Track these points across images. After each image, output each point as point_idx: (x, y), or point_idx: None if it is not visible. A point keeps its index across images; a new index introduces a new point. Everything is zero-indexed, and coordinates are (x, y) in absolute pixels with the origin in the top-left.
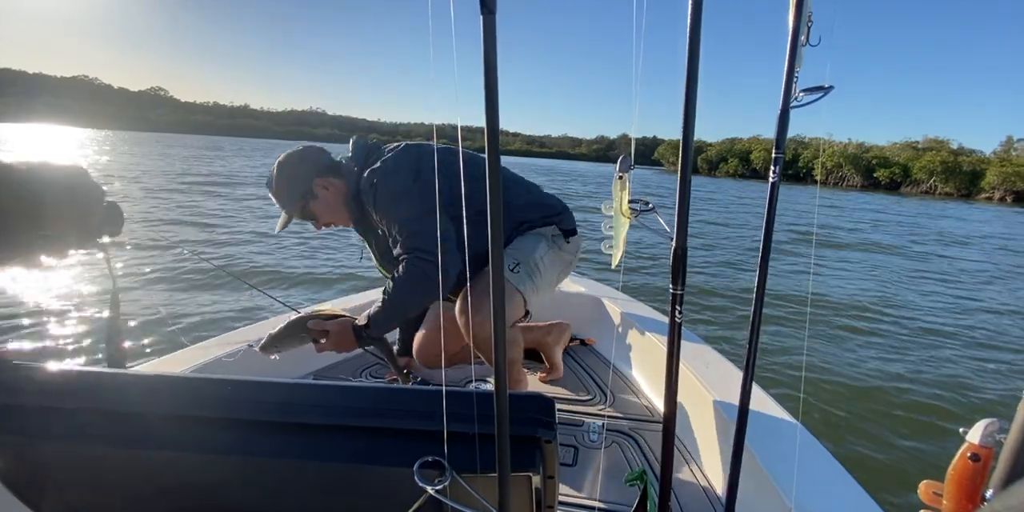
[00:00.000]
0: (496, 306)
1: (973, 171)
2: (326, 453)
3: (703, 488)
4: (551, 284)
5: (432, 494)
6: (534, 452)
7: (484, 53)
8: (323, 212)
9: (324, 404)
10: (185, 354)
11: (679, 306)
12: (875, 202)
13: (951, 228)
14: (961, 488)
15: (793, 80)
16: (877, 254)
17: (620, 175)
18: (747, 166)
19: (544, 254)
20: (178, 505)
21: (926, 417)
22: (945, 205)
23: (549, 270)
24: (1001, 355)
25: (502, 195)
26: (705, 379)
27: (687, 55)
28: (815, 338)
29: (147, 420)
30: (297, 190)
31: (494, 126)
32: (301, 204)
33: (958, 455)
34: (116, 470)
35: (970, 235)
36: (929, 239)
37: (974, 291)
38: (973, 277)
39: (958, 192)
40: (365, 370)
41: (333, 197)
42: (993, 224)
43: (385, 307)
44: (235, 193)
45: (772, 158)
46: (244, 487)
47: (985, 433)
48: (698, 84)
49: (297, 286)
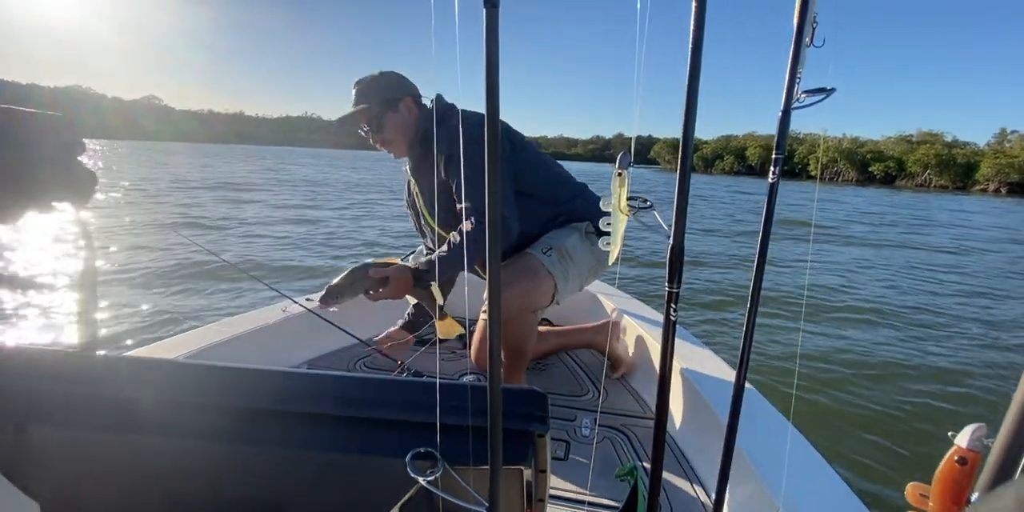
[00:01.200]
0: (492, 297)
1: (967, 163)
2: (319, 442)
3: (693, 485)
4: (581, 276)
5: (423, 485)
6: (526, 446)
7: (486, 48)
8: (392, 127)
9: (318, 393)
10: (179, 340)
11: (675, 304)
12: (876, 198)
13: (960, 222)
14: (948, 491)
15: (796, 81)
16: (875, 251)
17: (619, 172)
18: (743, 163)
19: (576, 244)
20: (170, 491)
21: (916, 420)
22: (941, 197)
23: (580, 261)
24: (993, 356)
25: (547, 187)
26: (698, 377)
27: (689, 55)
28: (809, 338)
29: (140, 406)
30: (387, 95)
31: (494, 120)
32: (380, 109)
33: (946, 458)
34: (109, 456)
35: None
36: (936, 234)
37: (971, 292)
38: (972, 277)
39: (953, 185)
40: (359, 361)
41: (408, 121)
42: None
43: (449, 256)
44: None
45: (772, 159)
46: (237, 475)
47: (973, 437)
48: (699, 84)
49: (299, 279)
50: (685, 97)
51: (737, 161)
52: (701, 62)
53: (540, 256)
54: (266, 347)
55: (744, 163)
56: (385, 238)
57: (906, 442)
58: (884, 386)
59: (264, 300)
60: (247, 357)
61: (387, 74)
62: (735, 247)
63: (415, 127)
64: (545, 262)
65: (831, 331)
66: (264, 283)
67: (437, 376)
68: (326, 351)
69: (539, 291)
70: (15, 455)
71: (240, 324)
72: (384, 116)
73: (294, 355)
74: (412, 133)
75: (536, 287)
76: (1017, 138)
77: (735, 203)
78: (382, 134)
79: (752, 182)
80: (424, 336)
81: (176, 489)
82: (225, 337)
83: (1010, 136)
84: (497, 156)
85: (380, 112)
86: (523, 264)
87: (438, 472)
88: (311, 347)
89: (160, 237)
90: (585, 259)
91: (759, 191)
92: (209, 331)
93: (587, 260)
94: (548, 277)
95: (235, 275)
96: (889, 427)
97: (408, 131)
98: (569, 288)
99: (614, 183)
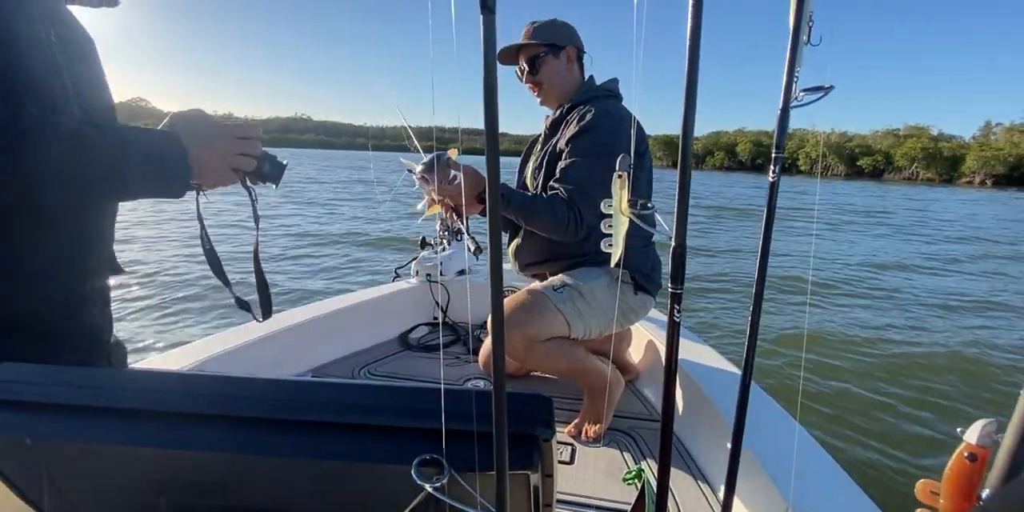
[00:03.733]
0: (494, 305)
1: (953, 156)
2: (324, 450)
3: (701, 487)
4: (600, 317)
5: (430, 492)
6: (532, 450)
7: (483, 52)
8: (549, 72)
9: (322, 401)
10: (182, 351)
11: (678, 305)
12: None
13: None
14: (958, 487)
15: (794, 80)
16: (872, 249)
17: (620, 174)
18: (734, 158)
19: (597, 289)
20: (176, 503)
21: (925, 417)
22: (933, 190)
23: (598, 304)
24: (1002, 354)
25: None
26: (703, 378)
27: (687, 54)
28: (814, 337)
29: (145, 417)
30: (554, 38)
31: (493, 126)
32: (544, 49)
33: (955, 455)
34: (114, 467)
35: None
36: (940, 229)
37: (977, 290)
38: (978, 276)
39: (939, 177)
40: (363, 368)
41: (564, 72)
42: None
43: (522, 200)
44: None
45: (772, 158)
46: (242, 484)
47: (982, 433)
48: (698, 83)
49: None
50: (684, 97)
51: (728, 157)
52: (699, 64)
53: (549, 293)
54: (270, 356)
55: (735, 159)
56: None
57: (915, 439)
58: (891, 383)
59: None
60: (251, 367)
61: (560, 21)
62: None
63: (568, 80)
64: (552, 298)
65: (836, 330)
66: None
67: (441, 381)
68: (329, 359)
69: (544, 321)
70: (21, 468)
71: (243, 334)
72: (544, 57)
73: (298, 364)
74: (565, 84)
75: (539, 319)
76: (1002, 131)
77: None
78: (536, 75)
79: (743, 177)
80: (427, 343)
81: (181, 500)
82: (228, 347)
83: (995, 129)
84: (497, 156)
85: (543, 53)
86: (529, 298)
87: (444, 478)
88: (314, 356)
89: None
90: (606, 304)
91: (746, 185)
92: (212, 341)
93: (608, 304)
94: (556, 313)
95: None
96: (898, 424)
97: (560, 81)
98: (589, 327)
99: (615, 185)
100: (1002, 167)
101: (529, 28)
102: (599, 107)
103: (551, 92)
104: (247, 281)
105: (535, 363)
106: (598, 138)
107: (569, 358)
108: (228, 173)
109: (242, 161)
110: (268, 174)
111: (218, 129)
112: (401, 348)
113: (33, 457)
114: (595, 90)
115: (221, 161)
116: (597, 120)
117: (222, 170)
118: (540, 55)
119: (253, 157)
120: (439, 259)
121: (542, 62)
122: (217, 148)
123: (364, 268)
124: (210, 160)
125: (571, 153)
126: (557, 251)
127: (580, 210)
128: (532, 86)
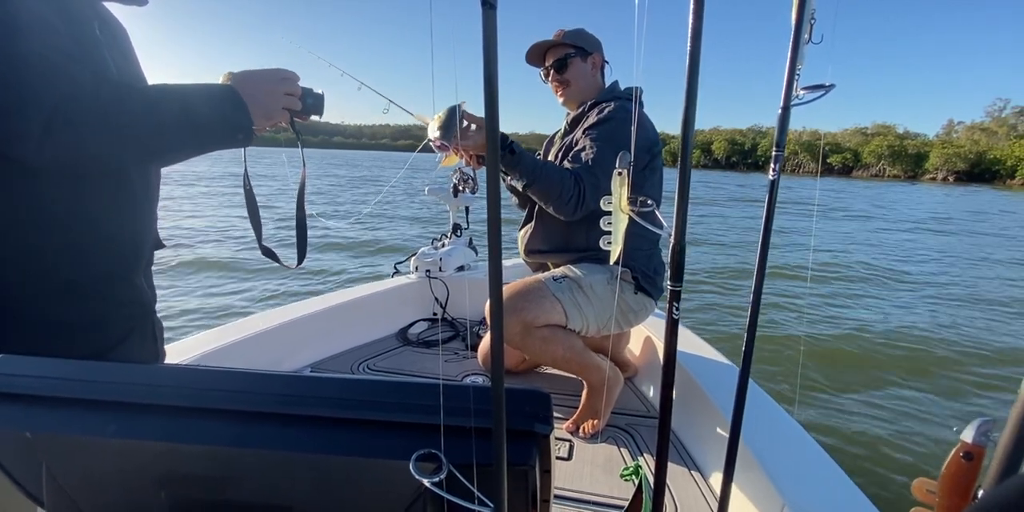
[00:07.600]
0: (493, 299)
1: (918, 153)
2: (323, 445)
3: (698, 483)
4: (598, 312)
5: (428, 487)
6: (530, 446)
7: (484, 49)
8: (575, 73)
9: (321, 396)
10: (182, 345)
11: (677, 302)
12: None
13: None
14: (954, 486)
15: (795, 78)
16: (870, 247)
17: (620, 171)
18: (709, 156)
19: (597, 283)
20: (175, 495)
21: (922, 415)
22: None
23: (597, 299)
24: (1002, 353)
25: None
26: (701, 375)
27: (688, 53)
28: (812, 335)
29: (145, 411)
30: (583, 43)
31: (494, 124)
32: (573, 50)
33: (952, 454)
34: (114, 461)
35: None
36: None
37: (973, 290)
38: (973, 275)
39: (904, 174)
40: (361, 363)
41: (590, 75)
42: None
43: (534, 161)
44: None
45: (772, 156)
46: (241, 479)
47: (978, 432)
48: (698, 83)
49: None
50: (684, 98)
51: (704, 155)
52: (699, 65)
53: (549, 283)
54: (269, 351)
55: (711, 157)
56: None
57: (912, 437)
58: (888, 381)
59: (264, 305)
60: (250, 361)
61: (588, 32)
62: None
63: (591, 83)
64: (551, 287)
65: (833, 329)
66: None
67: (440, 377)
68: (328, 354)
69: (541, 308)
70: (21, 461)
71: (242, 328)
72: (572, 58)
73: (297, 359)
74: (588, 86)
75: (537, 306)
76: (964, 129)
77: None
78: (562, 74)
79: (719, 175)
80: (426, 339)
81: (181, 494)
82: (227, 341)
83: (957, 127)
84: (497, 157)
85: (571, 54)
86: (528, 286)
87: (442, 473)
88: (313, 351)
89: None
90: (604, 300)
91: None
92: (211, 336)
93: (606, 301)
94: (555, 301)
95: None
96: (894, 422)
97: (585, 82)
98: (587, 320)
99: (614, 182)
100: (963, 164)
101: (560, 32)
102: (619, 104)
103: (575, 92)
104: (276, 236)
105: (531, 350)
106: (615, 128)
107: (565, 346)
108: (279, 114)
109: (290, 100)
110: (311, 107)
111: (264, 75)
112: (400, 344)
113: (33, 451)
114: (618, 92)
115: (274, 104)
116: (616, 113)
117: (275, 112)
118: (569, 55)
119: (296, 96)
120: (438, 255)
121: (570, 62)
122: (267, 94)
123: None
124: (263, 106)
125: (587, 138)
126: (566, 243)
127: (585, 189)
128: (556, 85)
